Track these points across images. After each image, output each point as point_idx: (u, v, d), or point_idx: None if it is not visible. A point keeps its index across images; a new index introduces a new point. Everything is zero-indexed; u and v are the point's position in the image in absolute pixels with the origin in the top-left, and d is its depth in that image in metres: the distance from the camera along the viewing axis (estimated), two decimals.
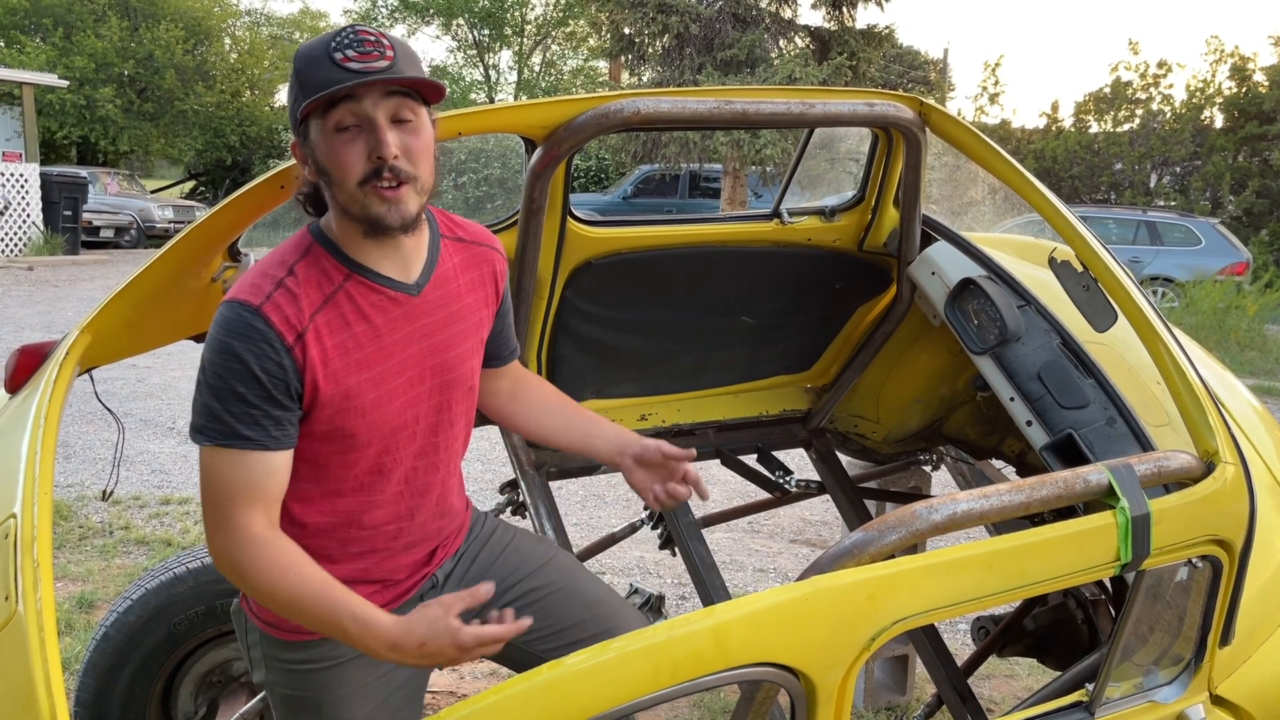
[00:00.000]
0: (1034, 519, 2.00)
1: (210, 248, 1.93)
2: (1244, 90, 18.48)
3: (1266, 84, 18.26)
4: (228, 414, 1.41)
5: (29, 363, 1.88)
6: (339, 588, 1.42)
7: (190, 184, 29.28)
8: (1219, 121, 18.84)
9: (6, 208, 15.48)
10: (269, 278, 1.46)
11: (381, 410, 1.53)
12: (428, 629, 1.36)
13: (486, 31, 28.50)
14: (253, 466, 1.43)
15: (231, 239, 1.97)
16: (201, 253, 1.91)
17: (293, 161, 1.77)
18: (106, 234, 18.10)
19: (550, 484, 2.65)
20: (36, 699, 1.24)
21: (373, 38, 1.40)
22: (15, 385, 1.88)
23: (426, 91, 1.45)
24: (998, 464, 2.97)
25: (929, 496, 2.62)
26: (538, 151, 1.99)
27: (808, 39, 16.15)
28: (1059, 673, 2.11)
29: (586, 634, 1.77)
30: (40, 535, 1.41)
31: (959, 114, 2.58)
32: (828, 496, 3.00)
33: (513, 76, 29.71)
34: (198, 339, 2.19)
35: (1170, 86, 21.12)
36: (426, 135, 1.46)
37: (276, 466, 1.46)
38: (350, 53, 1.38)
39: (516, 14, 28.40)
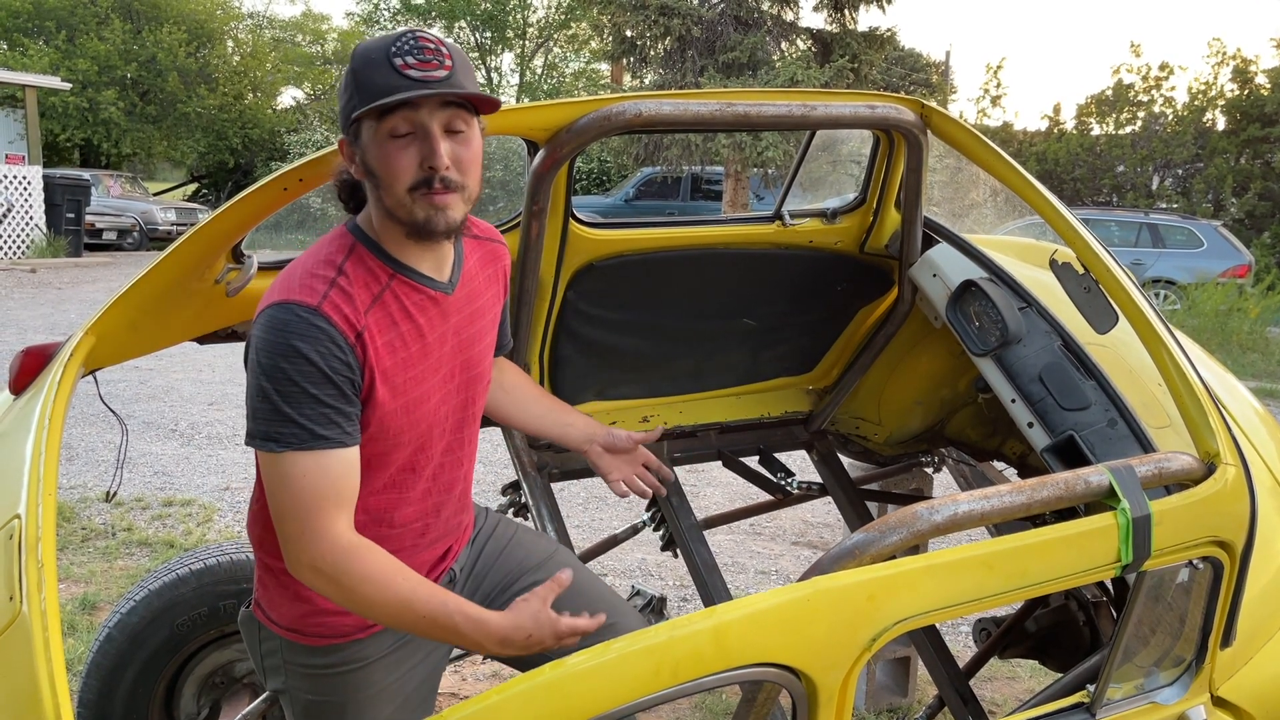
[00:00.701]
0: (1035, 520, 2.00)
1: (214, 250, 1.93)
2: (1246, 93, 18.48)
3: (1269, 86, 18.25)
4: (302, 417, 1.39)
5: (33, 364, 1.88)
6: (441, 589, 1.44)
7: (193, 187, 29.32)
8: (1221, 124, 18.83)
9: (9, 210, 15.50)
10: (320, 278, 1.45)
11: (421, 408, 1.55)
12: (533, 622, 1.42)
13: (488, 34, 28.51)
14: (333, 466, 1.42)
15: (235, 241, 1.97)
16: (205, 255, 1.92)
17: (294, 165, 1.78)
18: (109, 236, 18.11)
19: (552, 486, 2.65)
20: (41, 699, 1.24)
21: (432, 45, 1.41)
22: (19, 387, 1.89)
23: (481, 105, 1.46)
24: (999, 466, 2.97)
25: (930, 498, 2.62)
26: (540, 153, 2.00)
27: (809, 41, 16.16)
28: (1060, 674, 2.11)
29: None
30: (44, 536, 1.42)
31: (960, 116, 2.58)
32: (829, 498, 3.00)
33: (515, 79, 29.75)
34: (201, 340, 2.19)
35: (1172, 89, 21.12)
36: (476, 145, 1.47)
37: (354, 463, 1.46)
38: (411, 59, 1.38)
39: (518, 17, 28.42)
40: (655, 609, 2.89)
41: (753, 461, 2.93)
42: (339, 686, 1.62)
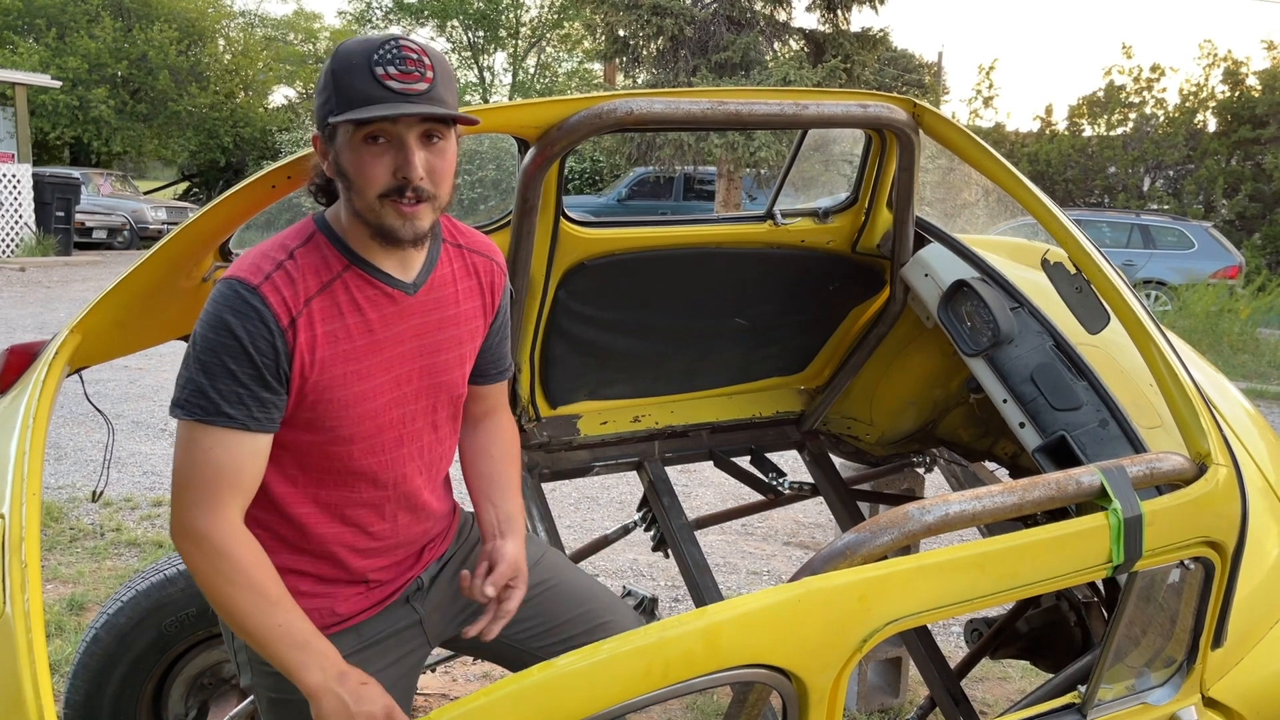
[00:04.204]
0: (1027, 521, 2.00)
1: (201, 247, 1.92)
2: (1237, 94, 18.55)
3: (1259, 88, 18.33)
4: (214, 390, 1.42)
5: (18, 362, 1.87)
6: (296, 618, 1.44)
7: (184, 185, 29.22)
8: (1212, 125, 18.91)
9: None
10: (269, 259, 1.47)
11: (365, 405, 1.53)
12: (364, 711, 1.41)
13: (481, 33, 28.48)
14: (234, 447, 1.43)
15: (223, 239, 1.96)
16: (192, 252, 1.91)
17: (282, 162, 1.77)
18: (99, 235, 18.03)
19: (543, 485, 2.65)
20: (24, 700, 1.23)
21: (415, 55, 1.40)
22: (4, 385, 1.87)
23: (460, 123, 1.46)
24: (991, 466, 2.97)
25: (922, 498, 2.62)
26: (531, 152, 1.99)
27: (802, 42, 16.18)
28: (1052, 675, 2.11)
29: (579, 630, 1.77)
30: (29, 536, 1.40)
31: (953, 117, 2.58)
32: (821, 498, 3.00)
33: (508, 78, 29.73)
34: (189, 339, 2.18)
35: (1164, 90, 21.23)
36: (451, 155, 1.47)
37: (258, 449, 1.46)
38: (393, 69, 1.38)
39: (511, 16, 28.39)
40: (646, 610, 2.89)
41: (744, 461, 2.93)
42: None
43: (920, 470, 3.16)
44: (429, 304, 1.58)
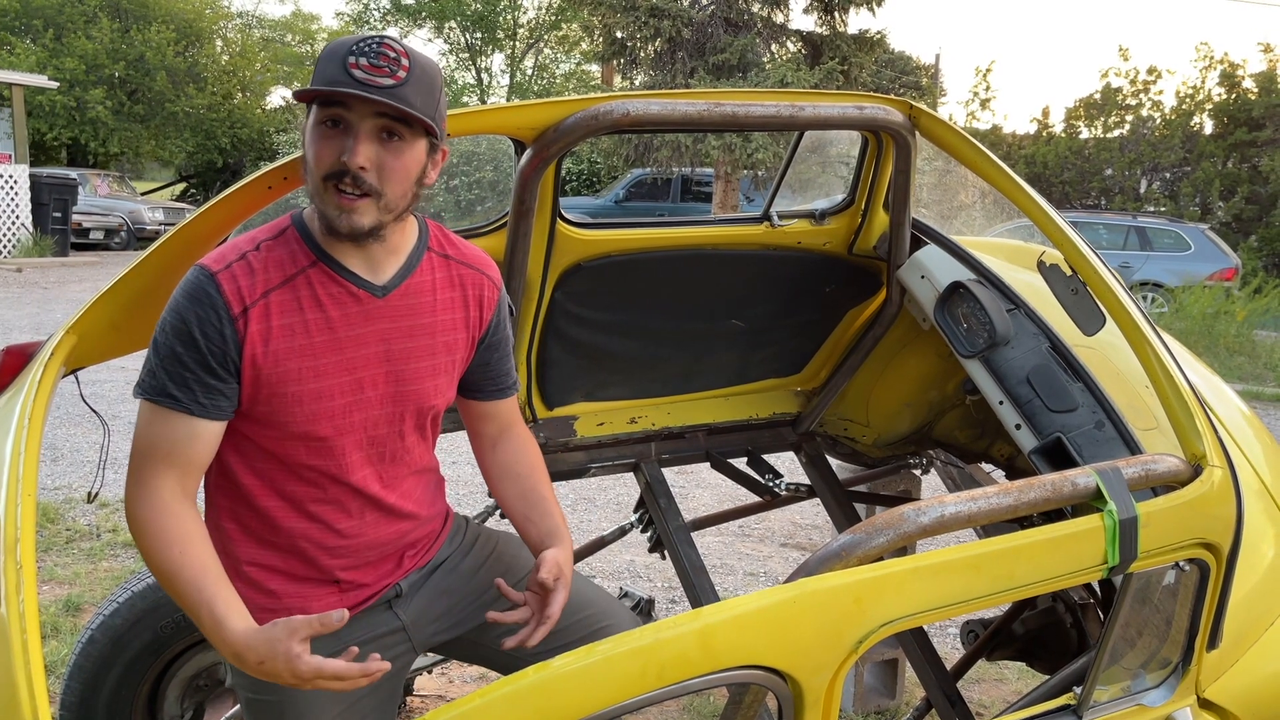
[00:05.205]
0: (1023, 522, 2.00)
1: (197, 248, 1.91)
2: (1233, 96, 18.58)
3: (1256, 90, 18.36)
4: (162, 370, 1.47)
5: (13, 363, 1.86)
6: (217, 578, 1.43)
7: (181, 186, 29.16)
8: (1209, 128, 18.93)
9: None
10: (235, 249, 1.51)
11: (322, 403, 1.53)
12: (267, 649, 1.35)
13: (479, 35, 28.47)
14: (176, 428, 1.47)
15: (219, 240, 1.95)
16: (189, 253, 1.90)
17: (278, 162, 1.77)
18: (96, 236, 18.00)
19: None
20: (19, 702, 1.23)
21: (392, 55, 1.42)
22: (0, 386, 1.87)
23: (413, 123, 1.45)
24: (987, 468, 2.97)
25: (918, 500, 2.62)
26: (527, 153, 1.99)
27: (799, 44, 16.19)
28: (1047, 676, 2.11)
29: (576, 636, 1.75)
30: (24, 537, 1.40)
31: (950, 119, 2.58)
32: (818, 500, 3.00)
33: (505, 80, 29.72)
34: None
35: (1160, 93, 21.31)
36: (409, 158, 1.46)
37: (199, 433, 1.48)
38: (364, 61, 1.40)
39: (509, 17, 28.39)
40: (643, 611, 2.89)
41: (741, 463, 2.93)
42: (274, 685, 1.59)
43: (917, 472, 3.16)
44: (400, 310, 1.57)
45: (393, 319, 1.57)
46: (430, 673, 3.27)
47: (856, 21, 29.71)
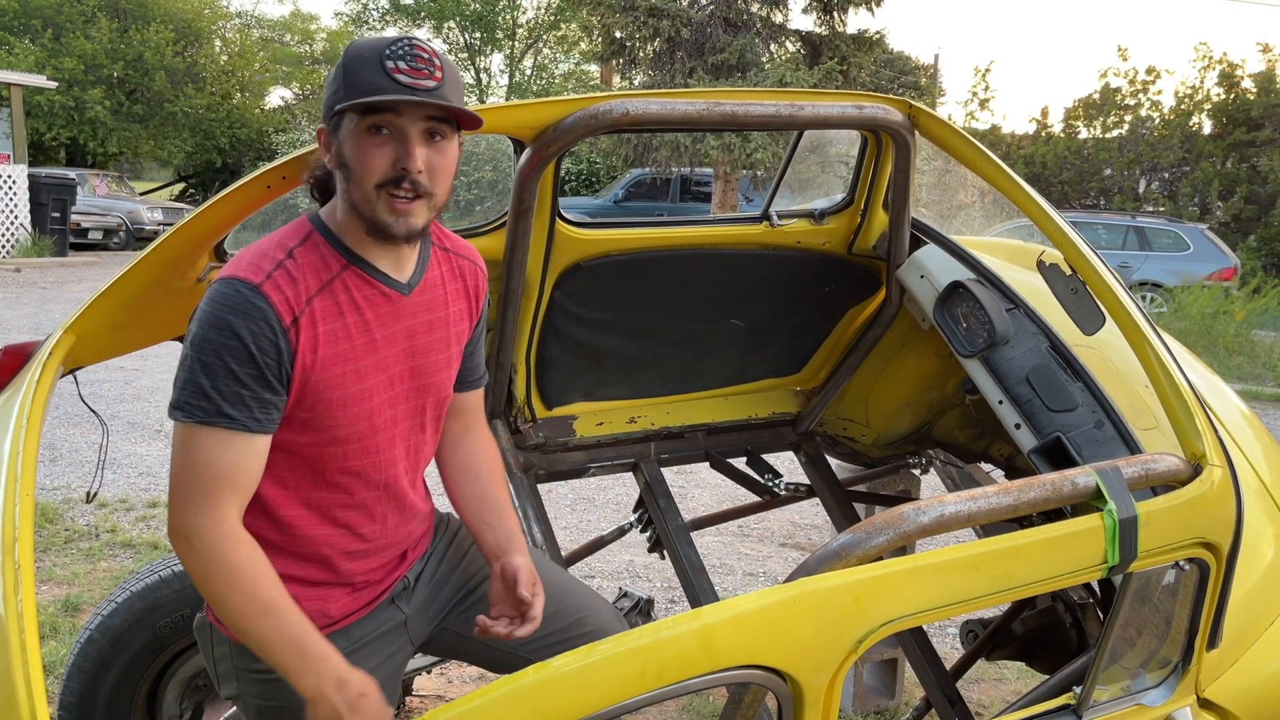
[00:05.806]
0: (1022, 522, 2.00)
1: (196, 248, 1.92)
2: (1232, 97, 18.58)
3: (1254, 90, 18.36)
4: (215, 391, 1.41)
5: (12, 363, 1.86)
6: (301, 618, 1.44)
7: (180, 186, 29.16)
8: (1207, 127, 18.93)
9: None
10: (269, 258, 1.46)
11: (362, 405, 1.53)
12: (368, 682, 1.43)
13: (478, 35, 28.47)
14: (234, 448, 1.43)
15: (217, 239, 1.95)
16: (187, 253, 1.90)
17: (277, 162, 1.77)
18: (95, 236, 17.99)
19: (539, 487, 2.64)
20: (18, 702, 1.23)
21: (426, 55, 1.43)
22: None
23: (464, 120, 1.48)
24: (986, 467, 2.97)
25: (917, 499, 2.62)
26: (526, 152, 1.99)
27: (799, 44, 16.19)
28: (1047, 676, 2.11)
29: (557, 625, 1.77)
30: (22, 537, 1.40)
31: (949, 119, 2.58)
32: (817, 500, 3.00)
33: (504, 80, 29.72)
34: (183, 340, 2.18)
35: (1159, 93, 21.27)
36: (452, 156, 1.48)
37: (258, 450, 1.46)
38: (403, 64, 1.40)
39: (508, 17, 28.39)
40: (642, 611, 2.88)
41: (740, 463, 2.92)
42: (287, 690, 1.60)
43: (916, 471, 3.16)
44: (421, 305, 1.59)
45: (415, 315, 1.59)
46: (430, 673, 3.27)
47: (855, 21, 29.67)
